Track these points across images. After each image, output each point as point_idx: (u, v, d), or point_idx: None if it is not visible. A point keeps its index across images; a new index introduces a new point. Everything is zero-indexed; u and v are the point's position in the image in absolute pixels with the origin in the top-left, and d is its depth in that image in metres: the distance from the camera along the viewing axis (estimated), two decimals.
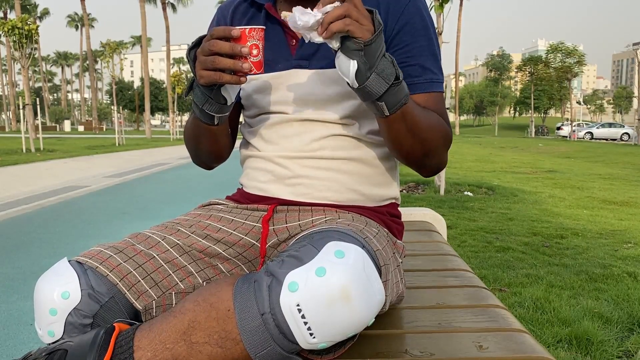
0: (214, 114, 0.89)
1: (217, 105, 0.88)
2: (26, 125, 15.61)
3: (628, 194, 6.46)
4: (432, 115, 0.94)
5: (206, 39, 0.82)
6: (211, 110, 0.88)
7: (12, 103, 45.51)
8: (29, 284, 2.72)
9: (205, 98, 0.87)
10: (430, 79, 0.97)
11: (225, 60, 0.80)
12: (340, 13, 0.75)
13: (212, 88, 0.85)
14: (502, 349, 0.81)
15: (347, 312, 0.68)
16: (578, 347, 1.90)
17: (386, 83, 0.80)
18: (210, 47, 0.80)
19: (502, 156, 14.30)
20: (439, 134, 0.94)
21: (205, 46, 0.81)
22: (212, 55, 0.80)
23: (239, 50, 0.79)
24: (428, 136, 0.92)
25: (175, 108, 32.48)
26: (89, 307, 0.79)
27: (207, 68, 0.81)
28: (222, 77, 0.81)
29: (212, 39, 0.81)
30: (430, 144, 0.93)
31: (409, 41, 0.96)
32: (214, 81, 0.82)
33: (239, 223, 0.99)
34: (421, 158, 0.95)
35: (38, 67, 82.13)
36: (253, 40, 0.80)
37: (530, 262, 3.08)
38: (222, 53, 0.80)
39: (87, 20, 50.54)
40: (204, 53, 0.82)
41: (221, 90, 0.86)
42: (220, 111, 0.89)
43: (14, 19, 16.31)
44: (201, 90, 0.86)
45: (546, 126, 46.06)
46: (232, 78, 0.81)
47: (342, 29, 0.75)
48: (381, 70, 0.79)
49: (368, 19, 0.78)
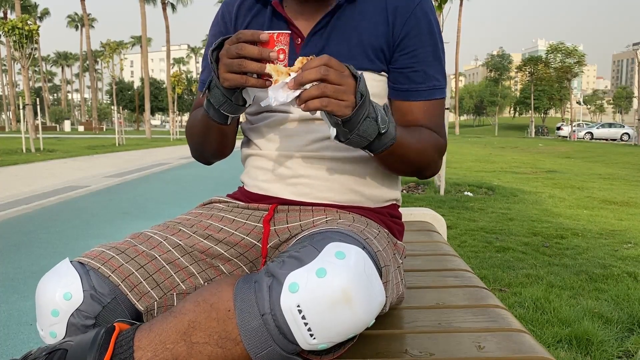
0: (230, 114, 0.89)
1: (235, 107, 0.87)
2: (26, 125, 15.62)
3: (628, 194, 6.46)
4: (423, 135, 0.95)
5: (230, 42, 0.80)
6: (228, 111, 0.88)
7: (12, 103, 45.50)
8: (29, 284, 2.72)
9: (225, 99, 0.86)
10: (433, 85, 0.98)
11: (253, 64, 0.78)
12: (316, 94, 0.74)
13: (234, 91, 0.84)
14: (502, 349, 0.81)
15: (347, 313, 0.68)
16: (578, 347, 1.90)
17: (367, 140, 0.82)
18: (238, 51, 0.78)
19: (502, 156, 14.29)
20: (431, 151, 0.96)
21: (232, 49, 0.79)
22: (239, 58, 0.79)
23: (267, 54, 0.77)
24: (419, 159, 0.94)
25: (175, 108, 32.49)
26: (91, 308, 0.79)
27: (232, 71, 0.80)
28: (249, 81, 0.80)
29: (239, 42, 0.79)
30: (422, 162, 0.96)
31: (415, 46, 0.97)
32: (240, 84, 0.80)
33: (240, 223, 0.99)
34: (414, 173, 0.98)
35: (38, 67, 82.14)
36: (280, 45, 0.80)
37: (530, 262, 3.08)
38: (250, 56, 0.78)
39: (87, 20, 50.52)
40: (229, 56, 0.79)
41: (242, 92, 0.86)
42: (236, 112, 0.89)
43: (14, 19, 16.33)
44: (222, 92, 0.85)
45: (546, 126, 46.06)
46: (257, 82, 0.80)
47: (319, 108, 0.75)
48: (363, 131, 0.80)
49: (348, 92, 0.76)
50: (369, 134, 0.81)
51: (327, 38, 0.97)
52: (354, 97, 0.77)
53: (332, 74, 0.74)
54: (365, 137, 0.81)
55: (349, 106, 0.76)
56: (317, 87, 0.74)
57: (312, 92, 0.75)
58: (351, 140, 0.81)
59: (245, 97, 0.87)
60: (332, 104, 0.75)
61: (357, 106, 0.77)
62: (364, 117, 0.79)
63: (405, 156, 0.91)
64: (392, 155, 0.89)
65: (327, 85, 0.74)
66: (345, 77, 0.76)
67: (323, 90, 0.74)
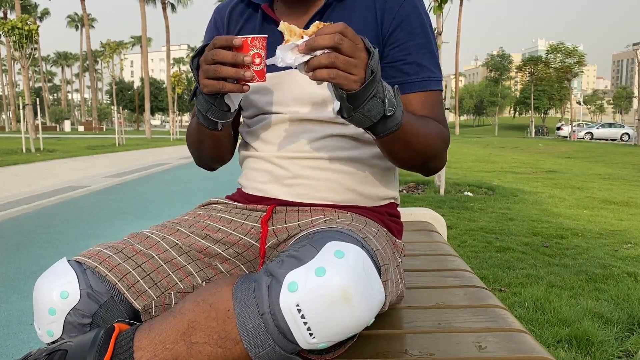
0: (217, 119, 0.89)
1: (221, 112, 0.87)
2: (26, 125, 15.62)
3: (628, 194, 6.46)
4: (428, 123, 0.93)
5: (209, 48, 0.81)
6: (214, 116, 0.88)
7: (12, 103, 45.51)
8: (29, 284, 2.72)
9: (209, 105, 0.86)
10: (427, 77, 0.97)
11: (228, 69, 0.79)
12: (325, 63, 0.72)
13: (215, 96, 0.84)
14: (502, 349, 0.81)
15: (347, 312, 0.68)
16: (578, 347, 1.90)
17: (371, 120, 0.79)
18: (213, 56, 0.79)
19: (502, 156, 14.29)
20: (436, 141, 0.94)
21: (208, 55, 0.80)
22: (215, 64, 0.80)
23: (241, 59, 0.78)
24: (425, 147, 0.91)
25: (175, 108, 32.49)
26: (88, 307, 0.79)
27: (210, 77, 0.80)
28: (225, 86, 0.80)
29: (214, 48, 0.80)
30: (428, 152, 0.93)
31: (405, 39, 0.96)
32: (217, 90, 0.81)
33: (238, 223, 0.99)
34: (420, 165, 0.95)
35: (38, 67, 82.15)
36: (255, 49, 0.80)
37: (530, 262, 3.08)
38: (224, 62, 0.79)
39: (87, 20, 50.51)
40: (206, 62, 0.80)
41: (224, 98, 0.86)
42: (223, 117, 0.89)
43: (14, 19, 16.32)
44: (205, 98, 0.85)
45: (546, 126, 46.07)
46: (234, 87, 0.80)
47: (326, 79, 0.73)
48: (367, 110, 0.77)
49: (359, 66, 0.73)
50: (373, 115, 0.78)
51: None
52: (364, 72, 0.74)
53: (345, 43, 0.72)
54: (369, 117, 0.79)
55: (358, 81, 0.74)
56: (328, 56, 0.71)
57: (322, 61, 0.72)
58: (354, 117, 0.79)
59: (228, 102, 0.87)
60: (340, 77, 0.72)
61: (366, 82, 0.74)
62: (371, 95, 0.76)
63: (411, 144, 0.88)
64: (397, 142, 0.86)
65: (339, 56, 0.72)
66: (359, 49, 0.73)
67: (333, 61, 0.71)
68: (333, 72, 0.72)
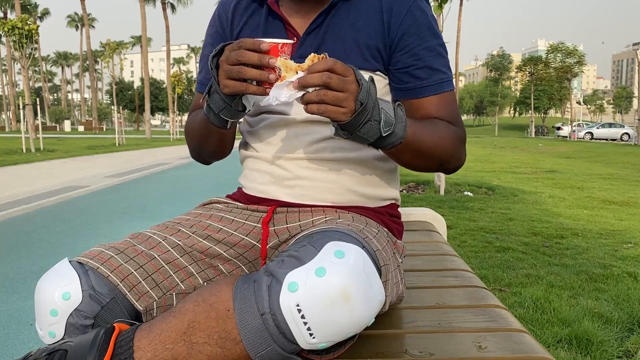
0: (229, 119, 0.89)
1: (234, 112, 0.87)
2: (26, 125, 15.62)
3: (628, 194, 6.46)
4: (440, 127, 0.94)
5: (231, 48, 0.80)
6: (227, 115, 0.87)
7: (12, 103, 45.49)
8: (29, 284, 2.72)
9: (224, 105, 0.85)
10: (440, 79, 0.97)
11: (253, 71, 0.78)
12: (315, 100, 0.75)
13: (233, 97, 0.84)
14: (502, 349, 0.81)
15: (347, 312, 0.68)
16: (578, 347, 1.90)
17: (368, 140, 0.82)
18: (238, 57, 0.78)
19: (502, 156, 14.29)
20: (449, 143, 0.94)
21: (232, 55, 0.78)
22: (239, 65, 0.79)
23: (267, 61, 0.77)
24: (438, 151, 0.92)
25: (175, 108, 32.48)
26: (90, 308, 0.79)
27: (232, 77, 0.79)
28: (249, 88, 0.79)
29: (240, 49, 0.78)
30: (442, 156, 0.94)
31: (415, 44, 0.96)
32: (240, 91, 0.80)
33: (239, 223, 0.99)
34: (436, 168, 0.97)
35: (38, 67, 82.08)
36: (284, 56, 0.79)
37: (530, 262, 3.08)
38: (249, 63, 0.78)
39: (87, 20, 50.48)
40: (229, 62, 0.79)
41: (242, 99, 0.86)
42: (235, 117, 0.89)
43: (14, 19, 16.32)
44: (222, 98, 0.84)
45: (546, 126, 46.08)
46: (258, 89, 0.79)
47: (317, 113, 0.76)
48: (364, 133, 0.81)
49: (349, 99, 0.76)
50: (370, 136, 0.81)
51: (323, 37, 0.97)
52: (354, 104, 0.77)
53: (334, 80, 0.74)
54: (366, 139, 0.82)
55: (347, 113, 0.77)
56: (317, 93, 0.75)
57: (312, 97, 0.76)
58: (351, 139, 0.82)
59: (245, 103, 0.87)
60: (329, 111, 0.76)
61: (356, 113, 0.77)
62: (364, 122, 0.79)
63: (421, 151, 0.90)
64: (404, 153, 0.88)
65: (328, 92, 0.75)
66: (349, 83, 0.76)
67: (322, 98, 0.75)
68: (322, 107, 0.76)
